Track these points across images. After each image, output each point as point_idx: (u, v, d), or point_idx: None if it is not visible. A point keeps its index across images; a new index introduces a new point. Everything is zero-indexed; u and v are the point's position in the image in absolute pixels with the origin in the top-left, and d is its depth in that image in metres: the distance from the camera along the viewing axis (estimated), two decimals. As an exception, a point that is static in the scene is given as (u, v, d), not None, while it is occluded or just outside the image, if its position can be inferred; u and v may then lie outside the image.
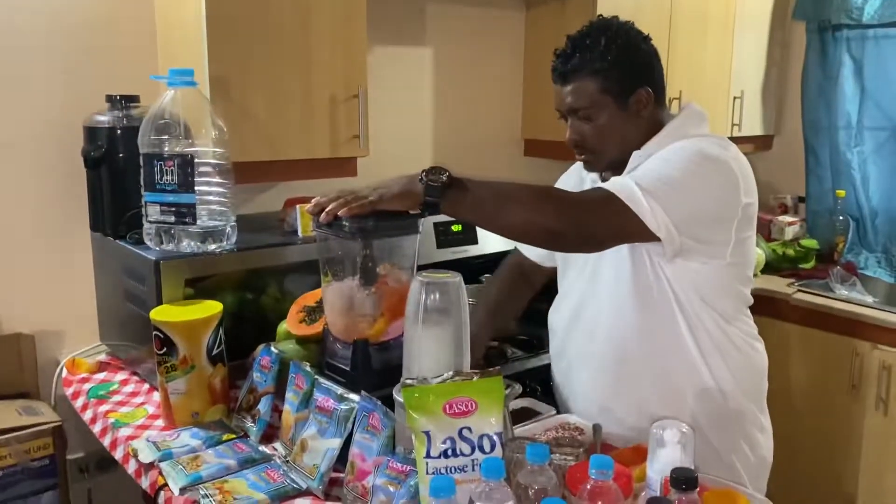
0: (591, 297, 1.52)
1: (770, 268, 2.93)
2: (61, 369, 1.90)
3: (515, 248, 1.84)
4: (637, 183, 1.31)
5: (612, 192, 1.31)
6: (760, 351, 1.54)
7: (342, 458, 1.30)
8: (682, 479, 0.94)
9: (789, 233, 3.12)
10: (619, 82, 1.43)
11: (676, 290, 1.41)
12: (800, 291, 2.70)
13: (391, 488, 1.16)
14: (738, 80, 2.99)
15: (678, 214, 1.31)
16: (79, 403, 1.75)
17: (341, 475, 1.30)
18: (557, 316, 1.63)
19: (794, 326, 2.64)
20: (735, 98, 2.98)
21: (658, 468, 1.06)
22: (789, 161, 3.29)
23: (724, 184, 1.37)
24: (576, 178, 1.68)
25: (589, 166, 1.54)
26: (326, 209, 1.35)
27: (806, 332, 2.62)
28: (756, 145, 3.24)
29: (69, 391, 1.82)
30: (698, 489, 0.96)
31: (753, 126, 3.18)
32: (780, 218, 3.17)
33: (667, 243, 1.33)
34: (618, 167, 1.47)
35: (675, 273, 1.41)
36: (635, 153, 1.45)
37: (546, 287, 1.77)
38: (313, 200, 1.40)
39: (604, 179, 1.51)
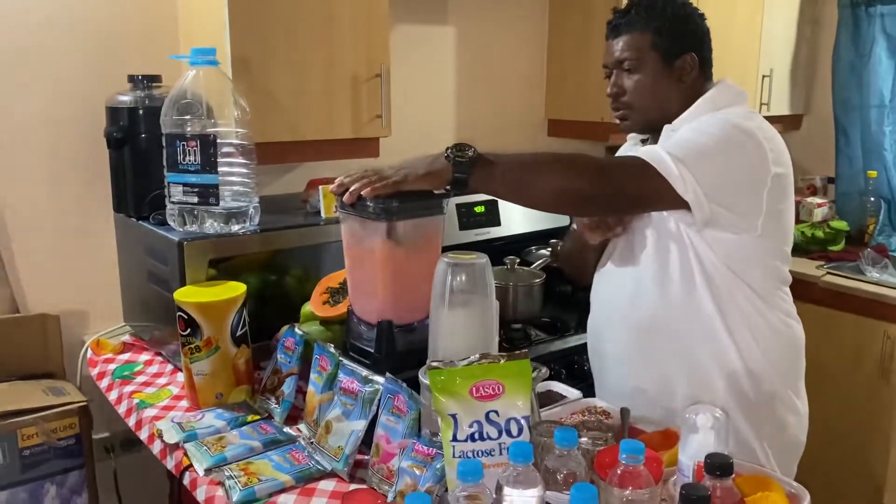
0: (622, 271, 1.52)
1: (799, 250, 2.87)
2: (86, 350, 1.91)
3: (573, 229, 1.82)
4: (667, 150, 1.32)
5: (642, 158, 1.32)
6: (797, 330, 1.51)
7: (367, 440, 1.29)
8: (718, 466, 0.92)
9: (818, 214, 3.06)
10: (669, 42, 1.46)
11: (706, 265, 1.40)
12: (829, 274, 2.66)
13: (417, 471, 1.15)
14: (768, 58, 2.93)
15: (707, 180, 1.31)
16: (104, 384, 1.75)
17: (366, 457, 1.30)
18: (595, 290, 1.63)
19: (824, 309, 2.59)
20: (764, 77, 2.92)
21: (690, 453, 1.04)
22: (818, 141, 3.23)
23: (752, 152, 1.36)
24: None
25: (624, 123, 1.54)
26: (350, 189, 1.34)
27: (835, 315, 2.57)
28: (784, 125, 3.17)
29: (94, 371, 1.83)
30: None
31: (782, 105, 3.11)
32: (809, 199, 3.11)
33: (695, 209, 1.33)
34: (652, 132, 1.48)
35: (705, 245, 1.39)
36: (666, 127, 1.45)
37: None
38: (337, 180, 1.39)
39: None
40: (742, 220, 1.37)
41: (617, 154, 1.71)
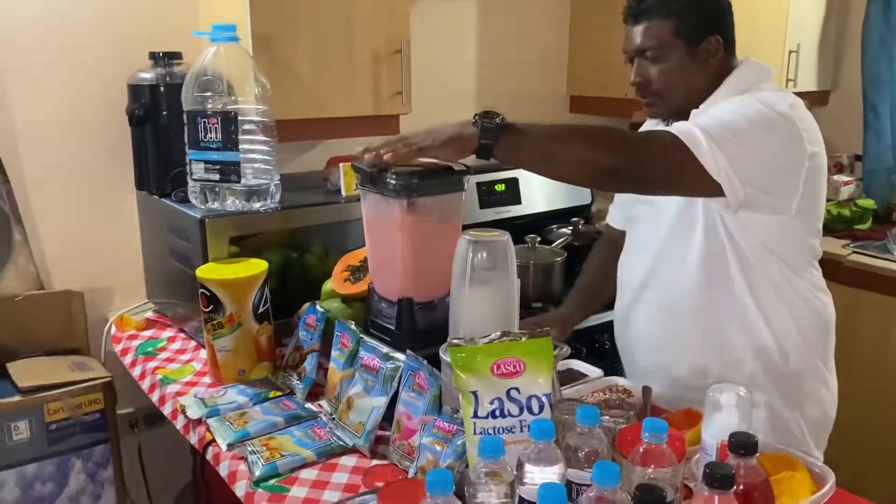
0: (648, 251, 1.51)
1: (824, 228, 2.78)
2: (110, 326, 1.93)
3: (605, 225, 1.82)
4: (699, 127, 1.28)
5: (674, 134, 1.28)
6: (828, 304, 1.51)
7: (388, 416, 1.30)
8: (742, 444, 0.91)
9: (844, 192, 3.01)
10: (691, 27, 1.41)
11: (741, 246, 1.39)
12: (855, 253, 2.62)
13: (438, 447, 1.15)
14: (795, 33, 2.86)
15: (740, 161, 1.27)
16: (127, 360, 1.77)
17: (387, 433, 1.30)
18: (620, 271, 1.62)
19: (849, 289, 2.55)
20: (791, 52, 2.85)
21: (714, 432, 1.03)
22: (846, 118, 3.16)
23: (786, 133, 1.33)
24: None
25: (652, 110, 1.52)
26: (376, 152, 1.32)
27: (861, 294, 2.54)
28: (811, 101, 3.10)
29: (118, 348, 1.85)
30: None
31: (809, 81, 3.05)
32: (835, 177, 3.06)
33: (728, 192, 1.28)
34: (679, 117, 1.44)
35: (740, 227, 1.37)
36: (694, 112, 1.42)
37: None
38: (363, 147, 1.36)
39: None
40: (777, 202, 1.35)
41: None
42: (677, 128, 1.30)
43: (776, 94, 1.38)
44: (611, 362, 1.68)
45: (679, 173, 1.29)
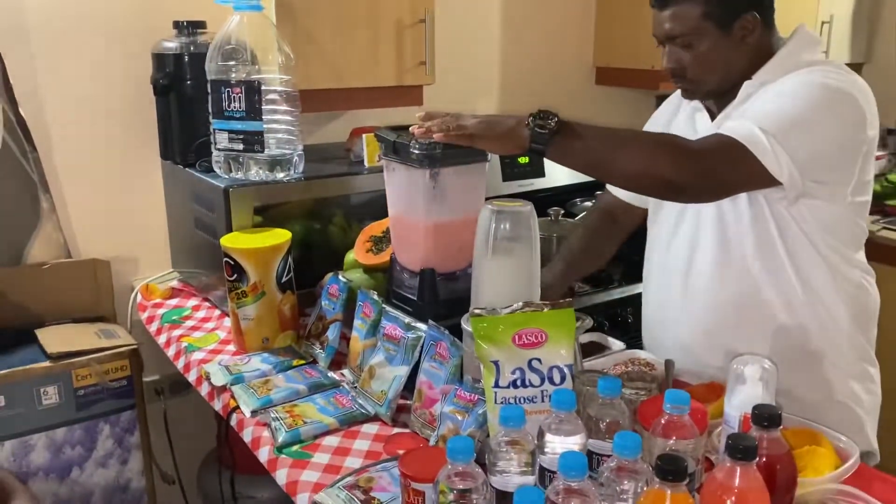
0: (691, 240, 1.44)
1: None
2: (136, 295, 1.95)
3: (605, 190, 1.72)
4: (759, 126, 1.21)
5: (735, 139, 1.21)
6: (874, 288, 1.44)
7: (409, 385, 1.30)
8: (765, 416, 0.90)
9: (875, 167, 2.94)
10: (722, 6, 1.31)
11: (790, 230, 1.32)
12: (885, 229, 2.57)
13: (459, 416, 1.16)
14: (828, 3, 2.79)
15: (801, 155, 1.21)
16: (153, 328, 1.80)
17: (409, 402, 1.31)
18: (656, 254, 1.54)
19: (879, 266, 2.49)
20: (823, 23, 2.79)
21: (737, 404, 1.02)
22: (878, 91, 3.02)
23: (850, 120, 1.26)
24: (671, 110, 1.57)
25: (688, 94, 1.44)
26: (428, 126, 1.29)
27: (891, 271, 2.49)
28: (843, 74, 3.04)
29: (144, 316, 1.87)
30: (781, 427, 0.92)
31: (842, 54, 2.97)
32: (867, 152, 2.99)
33: (789, 188, 1.24)
34: (721, 96, 1.38)
35: (794, 215, 1.31)
36: (746, 83, 1.34)
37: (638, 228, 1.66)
38: (420, 116, 1.33)
39: (708, 110, 1.43)
40: (834, 190, 1.29)
41: (663, 108, 1.61)
42: (737, 130, 1.23)
43: (837, 74, 1.28)
44: (633, 335, 1.67)
45: (742, 180, 1.25)
